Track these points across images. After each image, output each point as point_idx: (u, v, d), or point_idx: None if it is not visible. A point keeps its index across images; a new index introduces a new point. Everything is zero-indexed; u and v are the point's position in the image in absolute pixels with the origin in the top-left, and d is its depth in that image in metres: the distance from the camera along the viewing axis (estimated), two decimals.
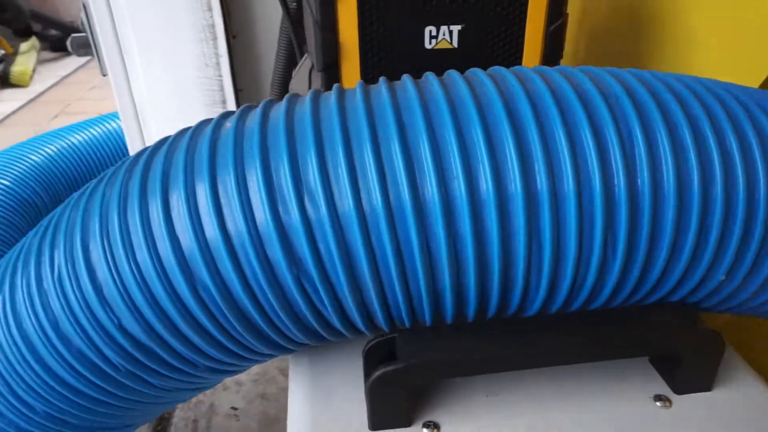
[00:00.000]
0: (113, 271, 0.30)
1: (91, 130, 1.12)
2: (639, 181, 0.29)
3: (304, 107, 0.32)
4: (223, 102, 0.93)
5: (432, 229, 0.29)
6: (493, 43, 0.50)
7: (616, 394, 0.35)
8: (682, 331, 0.33)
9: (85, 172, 1.10)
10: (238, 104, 0.92)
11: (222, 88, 0.91)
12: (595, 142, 0.29)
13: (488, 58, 0.51)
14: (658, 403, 0.34)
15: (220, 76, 0.91)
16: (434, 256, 0.29)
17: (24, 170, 1.01)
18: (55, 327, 0.32)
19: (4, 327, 0.34)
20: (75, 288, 0.31)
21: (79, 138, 1.10)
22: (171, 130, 0.37)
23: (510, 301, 0.32)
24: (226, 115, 0.35)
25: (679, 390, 0.34)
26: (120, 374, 0.33)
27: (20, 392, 0.35)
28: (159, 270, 0.30)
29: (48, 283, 0.32)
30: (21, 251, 0.36)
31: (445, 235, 0.29)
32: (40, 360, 0.33)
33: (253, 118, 0.32)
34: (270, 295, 0.30)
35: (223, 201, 0.29)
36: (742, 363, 0.37)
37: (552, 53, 0.51)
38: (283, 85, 0.92)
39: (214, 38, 0.91)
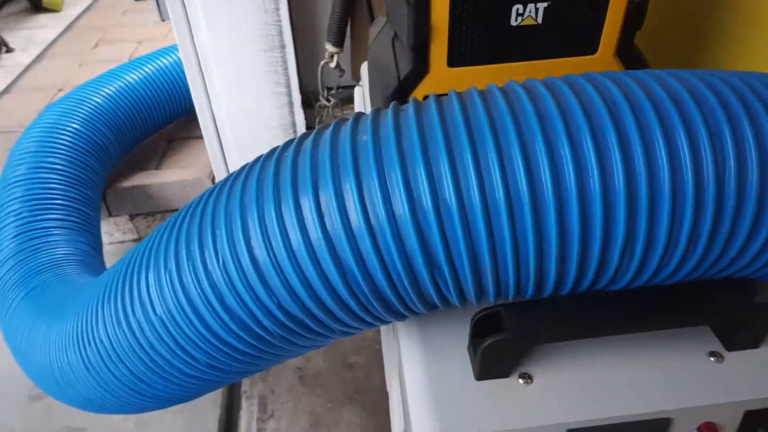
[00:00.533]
0: (272, 256, 0.37)
1: (146, 68, 1.15)
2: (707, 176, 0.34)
3: (431, 115, 0.37)
4: (282, 47, 0.95)
5: (544, 222, 0.34)
6: (577, 16, 0.52)
7: (675, 352, 0.42)
8: (740, 304, 0.40)
9: (144, 112, 1.14)
10: (296, 47, 0.94)
11: (281, 33, 0.93)
12: (666, 146, 0.33)
13: (570, 33, 0.53)
14: (712, 359, 0.41)
15: (279, 21, 0.92)
16: (544, 246, 0.35)
17: (90, 112, 1.05)
18: (221, 301, 0.39)
19: (173, 297, 0.41)
20: (239, 271, 0.38)
21: (135, 77, 1.13)
22: (233, 77, 0.40)
23: (601, 281, 0.38)
24: (357, 120, 0.39)
25: (731, 348, 0.41)
26: (273, 337, 0.41)
27: (187, 347, 0.43)
28: (311, 255, 0.36)
29: (213, 266, 0.39)
30: (178, 231, 0.42)
31: (556, 228, 0.34)
32: (206, 325, 0.41)
33: (387, 129, 0.37)
34: (405, 279, 0.36)
35: (366, 197, 0.35)
36: None
37: (631, 27, 0.53)
38: (340, 34, 0.92)
39: None
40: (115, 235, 1.24)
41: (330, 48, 0.64)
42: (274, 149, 0.42)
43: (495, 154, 0.34)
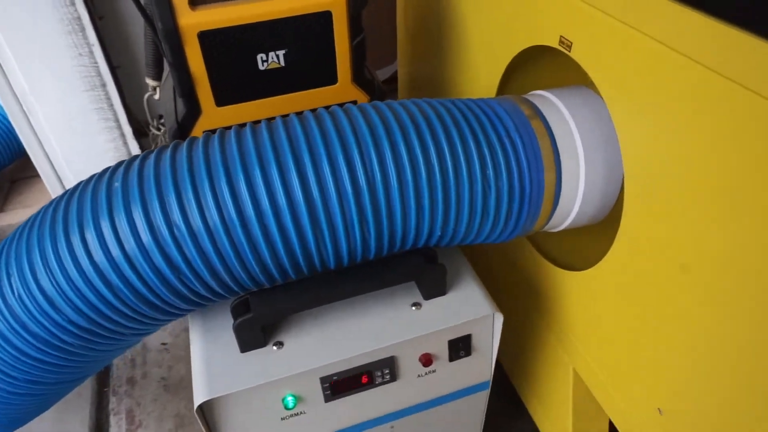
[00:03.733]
0: (55, 283, 0.47)
1: None
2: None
3: (165, 163, 0.48)
4: (103, 85, 1.02)
5: (253, 234, 0.47)
6: (312, 58, 0.66)
7: (388, 306, 0.57)
8: (423, 266, 0.56)
9: None
10: (117, 85, 1.02)
11: (99, 74, 1.00)
12: (347, 165, 0.48)
13: (311, 71, 0.67)
14: (413, 308, 0.57)
15: (96, 63, 0.99)
16: (259, 251, 0.48)
17: None
18: (24, 327, 0.49)
19: None
20: (31, 300, 0.48)
21: None
22: (60, 117, 0.49)
23: (313, 268, 0.52)
24: (116, 169, 0.50)
25: (427, 297, 0.58)
26: (74, 347, 0.51)
27: (4, 368, 0.52)
28: (86, 280, 0.47)
29: (11, 299, 0.49)
30: None
31: (262, 236, 0.47)
32: (16, 348, 0.50)
33: (132, 177, 0.48)
34: (162, 288, 0.48)
35: (120, 233, 0.46)
36: (469, 273, 0.60)
37: (359, 65, 0.68)
38: (156, 68, 1.01)
39: (82, 29, 0.98)
40: None
41: (150, 82, 0.73)
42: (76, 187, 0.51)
43: (208, 186, 0.46)
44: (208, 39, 0.60)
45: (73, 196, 0.49)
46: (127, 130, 1.07)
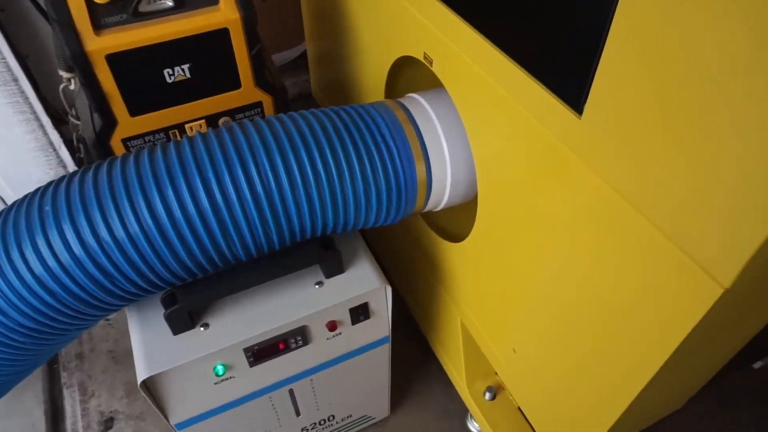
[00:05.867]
0: (1, 293, 0.55)
1: None
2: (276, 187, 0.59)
3: (88, 188, 0.56)
4: (15, 80, 1.04)
5: (162, 243, 0.57)
6: (216, 69, 0.73)
7: (296, 286, 0.69)
8: (321, 252, 0.67)
9: None
10: (29, 76, 1.04)
11: (9, 68, 1.02)
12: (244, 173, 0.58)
13: (216, 79, 0.74)
14: (317, 286, 0.69)
15: (4, 58, 1.01)
16: (179, 255, 0.58)
17: None
18: None
19: None
20: None
21: None
22: None
23: (227, 262, 0.62)
24: (46, 190, 0.58)
25: (328, 276, 0.69)
26: (24, 344, 0.60)
27: None
28: (27, 287, 0.55)
29: None
30: None
31: (177, 242, 0.57)
32: None
33: (60, 199, 0.56)
34: (99, 292, 0.57)
35: (55, 247, 0.55)
36: (364, 252, 0.72)
37: (259, 71, 0.75)
38: (67, 61, 1.04)
39: None
40: None
41: (64, 74, 0.77)
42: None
43: (127, 202, 0.55)
44: (117, 60, 0.66)
45: (8, 217, 0.57)
46: (46, 120, 1.10)
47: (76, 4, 0.63)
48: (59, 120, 1.15)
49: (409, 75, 0.82)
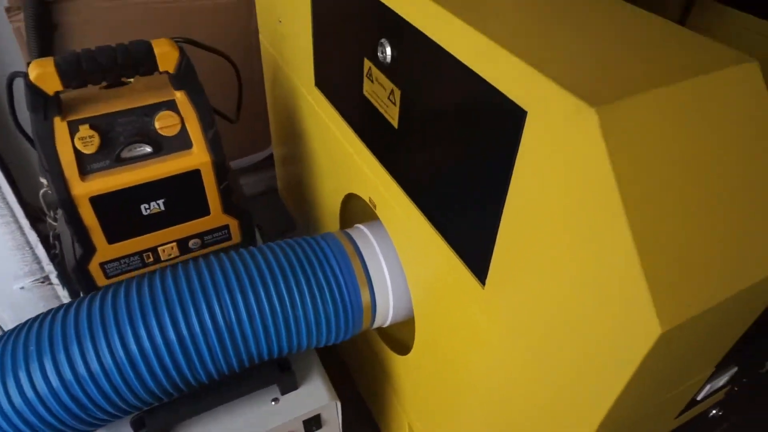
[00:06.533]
0: None
1: None
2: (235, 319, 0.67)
3: (56, 327, 0.64)
4: None
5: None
6: (188, 201, 0.83)
7: (254, 403, 0.76)
8: (277, 374, 0.75)
9: None
10: (10, 182, 1.11)
11: None
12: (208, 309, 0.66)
13: (185, 213, 0.84)
14: (273, 403, 0.76)
15: None
16: (147, 384, 0.65)
17: None
18: None
19: None
20: None
21: None
22: None
23: (190, 386, 0.69)
24: (19, 331, 0.65)
25: (284, 393, 0.77)
26: None
27: None
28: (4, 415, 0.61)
29: None
30: None
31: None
32: None
33: (43, 336, 0.63)
34: (73, 421, 0.64)
35: (21, 385, 0.61)
36: (317, 369, 0.80)
37: (227, 200, 0.85)
38: None
39: None
40: None
41: (45, 181, 0.84)
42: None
43: (103, 338, 0.63)
44: (99, 200, 0.75)
45: None
46: (25, 223, 1.17)
47: (66, 156, 0.72)
48: (36, 218, 1.22)
49: (363, 202, 0.93)
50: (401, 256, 0.74)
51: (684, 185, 0.37)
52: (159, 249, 0.86)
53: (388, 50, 0.58)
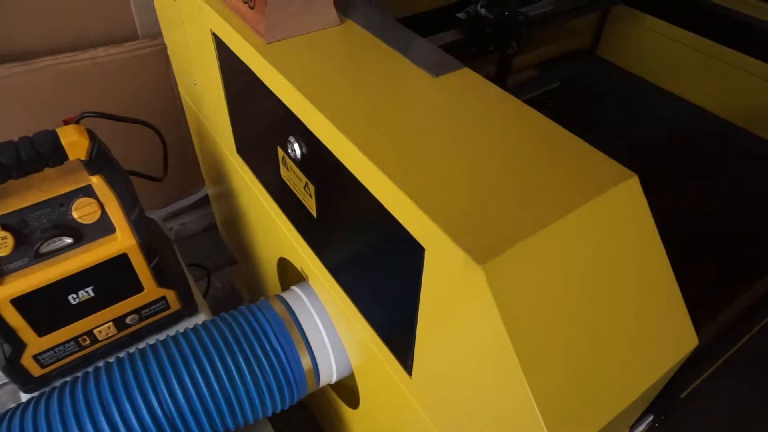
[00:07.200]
0: None
1: None
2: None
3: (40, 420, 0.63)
4: None
5: None
6: (119, 283, 0.82)
7: None
8: None
9: None
10: None
11: None
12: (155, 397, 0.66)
13: (117, 294, 0.82)
14: None
15: None
16: None
17: None
18: None
19: None
20: None
21: None
22: None
23: None
24: None
25: None
26: None
27: None
28: None
29: None
30: None
31: None
32: None
33: None
34: None
35: None
36: None
37: (159, 272, 0.85)
38: None
39: None
40: None
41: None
42: None
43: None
44: (21, 300, 0.73)
45: None
46: None
47: None
48: None
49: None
50: (336, 325, 0.76)
51: (568, 315, 0.41)
52: (95, 331, 0.84)
53: (297, 147, 0.59)
